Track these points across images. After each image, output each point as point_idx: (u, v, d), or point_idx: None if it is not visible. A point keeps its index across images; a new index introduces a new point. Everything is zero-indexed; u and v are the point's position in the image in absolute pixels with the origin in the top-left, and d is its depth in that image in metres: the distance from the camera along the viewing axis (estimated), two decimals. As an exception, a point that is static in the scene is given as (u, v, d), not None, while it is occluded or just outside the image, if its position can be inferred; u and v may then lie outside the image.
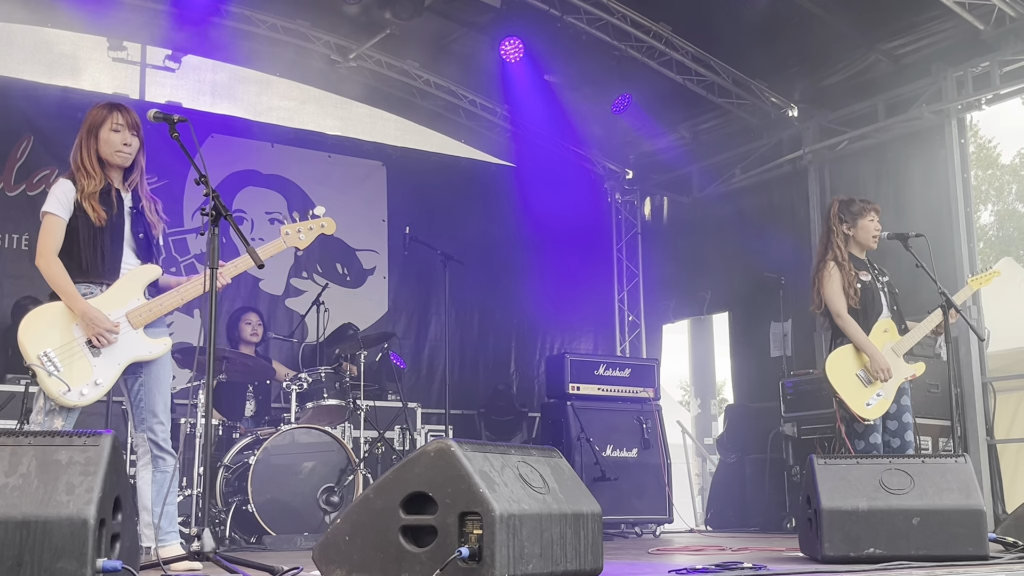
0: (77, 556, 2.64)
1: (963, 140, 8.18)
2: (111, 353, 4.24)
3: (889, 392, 5.43)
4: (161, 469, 4.35)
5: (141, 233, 4.50)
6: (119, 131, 4.40)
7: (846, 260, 5.58)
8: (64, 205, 4.27)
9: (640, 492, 8.19)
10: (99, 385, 4.20)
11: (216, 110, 9.37)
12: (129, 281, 4.38)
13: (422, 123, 10.52)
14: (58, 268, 4.21)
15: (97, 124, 4.39)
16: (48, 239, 4.25)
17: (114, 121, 4.39)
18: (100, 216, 4.29)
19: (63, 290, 4.20)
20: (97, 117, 4.40)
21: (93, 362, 4.19)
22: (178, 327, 8.31)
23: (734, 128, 9.85)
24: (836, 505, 4.18)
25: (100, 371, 4.20)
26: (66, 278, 4.21)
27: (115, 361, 4.25)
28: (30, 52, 8.65)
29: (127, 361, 4.29)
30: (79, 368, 4.15)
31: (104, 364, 4.22)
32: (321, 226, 4.77)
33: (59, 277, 4.21)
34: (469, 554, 2.97)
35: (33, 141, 8.20)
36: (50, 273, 4.22)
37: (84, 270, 4.26)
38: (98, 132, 4.38)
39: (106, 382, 4.22)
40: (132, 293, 4.36)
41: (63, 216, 4.27)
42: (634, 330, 11.01)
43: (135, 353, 4.31)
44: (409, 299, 9.99)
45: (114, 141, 4.39)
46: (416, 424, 8.46)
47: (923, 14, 7.88)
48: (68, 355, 4.14)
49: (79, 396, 4.13)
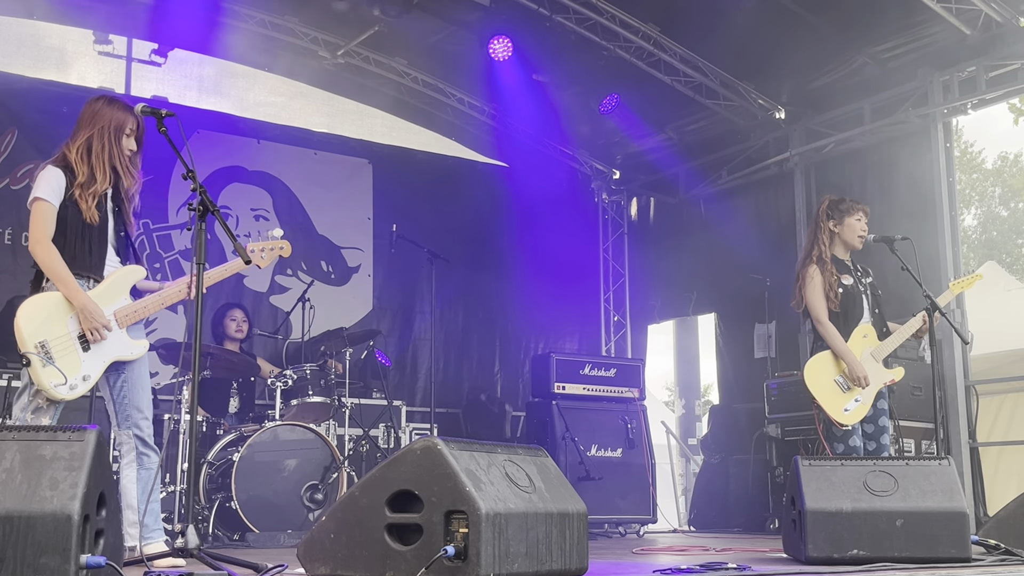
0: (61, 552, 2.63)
1: (948, 144, 8.22)
2: (99, 350, 4.23)
3: (867, 398, 5.46)
4: (146, 467, 4.33)
5: (122, 232, 4.47)
6: (130, 136, 4.40)
7: (828, 261, 5.60)
8: (56, 191, 4.22)
9: (624, 492, 8.21)
10: (87, 380, 4.19)
11: (202, 105, 9.33)
12: (118, 280, 4.36)
13: (410, 120, 10.50)
14: (57, 256, 4.17)
15: (121, 126, 4.36)
16: (43, 225, 4.19)
17: (131, 127, 4.39)
18: (94, 216, 4.26)
19: (63, 280, 4.16)
20: (118, 117, 4.36)
21: (82, 357, 4.18)
22: (162, 323, 8.28)
23: (721, 130, 9.87)
24: (820, 506, 4.20)
25: (88, 366, 4.19)
26: (66, 268, 4.17)
27: (101, 358, 4.24)
28: (15, 45, 8.59)
29: (111, 359, 4.28)
30: (70, 361, 4.13)
31: (92, 360, 4.21)
32: (280, 248, 4.79)
33: (59, 266, 4.16)
34: (455, 553, 2.97)
35: (17, 135, 8.14)
36: (49, 261, 4.16)
37: (72, 262, 4.22)
38: (121, 135, 4.35)
39: (93, 377, 4.21)
40: (120, 292, 4.36)
41: (55, 203, 4.22)
42: (620, 330, 11.02)
43: (119, 352, 4.31)
44: (393, 297, 9.97)
45: (128, 146, 4.39)
46: (401, 422, 8.45)
47: (910, 18, 7.91)
48: (61, 347, 4.12)
49: (69, 389, 4.11)
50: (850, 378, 5.42)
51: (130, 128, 4.39)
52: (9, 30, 8.58)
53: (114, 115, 4.36)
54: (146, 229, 8.66)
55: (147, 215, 8.65)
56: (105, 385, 4.37)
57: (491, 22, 8.66)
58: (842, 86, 8.76)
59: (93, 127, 4.34)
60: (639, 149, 10.57)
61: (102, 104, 4.41)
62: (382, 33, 8.98)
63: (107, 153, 4.32)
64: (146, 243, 8.65)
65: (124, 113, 4.39)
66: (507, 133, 10.52)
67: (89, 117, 4.37)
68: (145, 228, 8.65)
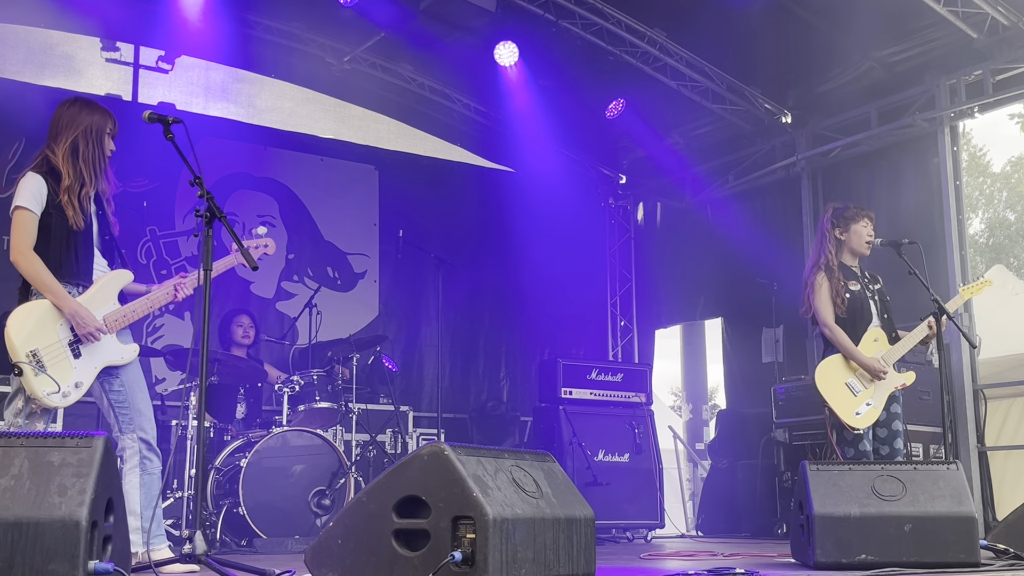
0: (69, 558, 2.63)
1: (956, 148, 8.20)
2: (90, 355, 4.21)
3: (879, 401, 5.45)
4: (149, 471, 4.31)
5: (107, 235, 4.46)
6: (111, 137, 4.39)
7: (836, 268, 5.61)
8: (38, 200, 4.19)
9: (631, 497, 8.19)
10: (79, 387, 4.17)
11: (209, 112, 9.34)
12: (106, 284, 4.34)
13: (415, 126, 10.50)
14: (41, 266, 4.15)
15: (101, 127, 4.35)
16: (24, 235, 4.16)
17: (111, 128, 4.38)
18: (79, 221, 4.23)
19: (50, 288, 4.14)
20: (98, 119, 4.35)
21: (74, 364, 4.16)
22: (169, 329, 8.31)
23: (727, 134, 9.86)
24: (828, 511, 4.19)
25: (80, 373, 4.18)
26: (51, 276, 4.15)
27: (92, 364, 4.23)
28: (23, 53, 8.61)
29: (102, 364, 4.26)
30: (62, 369, 4.12)
31: (83, 366, 4.19)
32: (264, 246, 4.81)
33: (44, 274, 4.14)
34: (462, 558, 2.97)
35: (24, 143, 8.16)
36: (33, 271, 4.14)
37: (57, 270, 4.19)
38: (104, 137, 4.35)
39: (85, 384, 4.20)
40: (109, 297, 4.34)
41: (36, 211, 4.18)
42: (626, 335, 11.01)
43: (109, 357, 4.29)
44: (400, 303, 9.96)
45: (109, 147, 4.38)
46: (408, 427, 8.45)
47: (916, 22, 7.91)
48: (52, 355, 4.11)
49: (62, 397, 4.09)
50: (867, 373, 5.42)
51: (110, 129, 4.38)
52: (17, 38, 8.60)
53: (94, 117, 4.35)
54: (152, 236, 8.68)
55: (153, 222, 8.68)
56: (100, 391, 4.34)
57: (497, 27, 8.66)
58: (849, 90, 8.75)
59: (76, 129, 4.30)
60: (645, 154, 10.56)
61: (80, 106, 4.38)
62: (388, 39, 9.00)
63: (92, 156, 4.30)
64: (152, 250, 8.67)
65: (103, 115, 4.38)
66: (513, 138, 10.51)
67: (69, 119, 4.33)
68: (151, 235, 8.67)
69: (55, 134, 4.32)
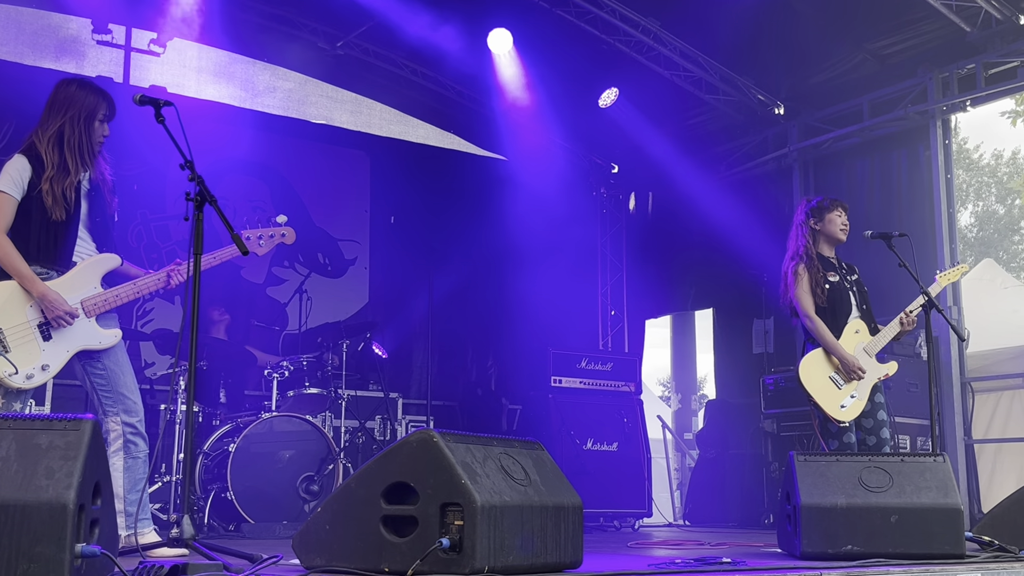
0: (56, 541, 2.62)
1: (947, 141, 8.22)
2: (62, 339, 4.18)
3: (863, 393, 5.48)
4: (133, 455, 4.28)
5: (98, 217, 4.40)
6: (104, 122, 4.33)
7: (814, 259, 5.63)
8: (18, 184, 4.15)
9: (619, 486, 8.22)
10: (46, 370, 4.13)
11: (201, 95, 9.30)
12: (87, 268, 4.30)
13: (408, 113, 10.48)
14: (11, 248, 4.10)
15: (92, 111, 4.28)
16: None
17: (104, 112, 4.32)
18: (60, 212, 4.17)
19: (18, 271, 4.10)
20: (89, 103, 4.28)
21: (42, 346, 4.13)
22: (158, 313, 8.29)
23: (720, 124, 9.86)
24: (815, 502, 4.20)
25: (48, 356, 4.14)
26: (20, 259, 4.10)
27: (64, 348, 4.18)
28: (14, 33, 8.56)
29: (76, 348, 4.22)
30: (28, 351, 4.09)
31: (53, 349, 4.16)
32: (282, 235, 4.75)
33: (12, 258, 4.09)
34: (450, 545, 2.97)
35: (15, 125, 8.11)
36: (2, 254, 4.09)
37: (35, 253, 4.16)
38: (92, 121, 4.28)
39: (53, 367, 4.16)
40: (89, 281, 4.28)
41: (16, 196, 4.14)
42: (616, 324, 11.02)
43: (85, 341, 4.24)
44: (390, 290, 9.95)
45: (102, 132, 4.33)
46: (397, 414, 8.46)
47: (910, 15, 7.92)
48: (18, 337, 4.07)
49: (25, 379, 4.06)
50: (845, 372, 5.44)
51: (103, 113, 4.32)
52: (8, 19, 8.55)
53: (86, 101, 4.28)
54: (143, 219, 8.66)
55: (144, 205, 8.64)
56: (83, 374, 4.30)
57: (491, 14, 8.64)
58: (841, 82, 8.76)
59: (65, 115, 4.25)
60: (638, 143, 10.56)
61: (74, 89, 4.31)
62: (381, 25, 8.96)
63: (79, 142, 4.24)
64: (143, 233, 8.64)
65: (96, 97, 4.31)
66: (505, 126, 10.49)
67: (60, 103, 4.27)
68: (143, 218, 8.64)
69: (45, 117, 4.28)
